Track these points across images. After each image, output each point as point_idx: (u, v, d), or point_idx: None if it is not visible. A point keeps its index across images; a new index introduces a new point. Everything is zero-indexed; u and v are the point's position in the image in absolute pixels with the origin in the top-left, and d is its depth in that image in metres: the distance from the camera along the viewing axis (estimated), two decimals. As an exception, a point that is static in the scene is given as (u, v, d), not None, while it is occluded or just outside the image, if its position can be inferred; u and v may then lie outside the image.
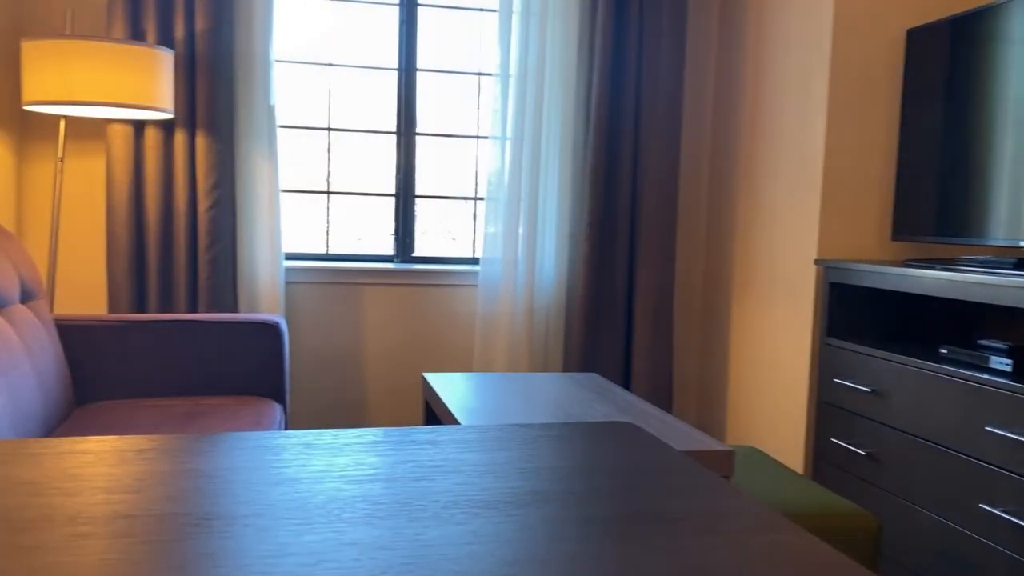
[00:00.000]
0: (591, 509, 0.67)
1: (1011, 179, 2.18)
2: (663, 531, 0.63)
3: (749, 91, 3.19)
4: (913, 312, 2.66)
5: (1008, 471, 1.91)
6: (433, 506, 0.67)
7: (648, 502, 0.69)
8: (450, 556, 0.57)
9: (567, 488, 0.72)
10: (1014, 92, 2.18)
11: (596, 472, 0.76)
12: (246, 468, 0.75)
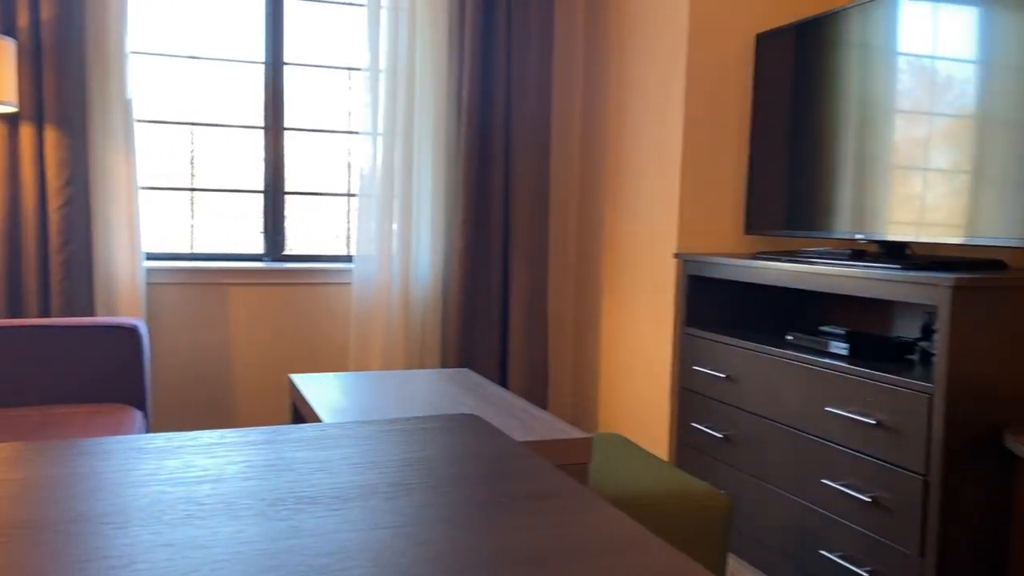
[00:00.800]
0: (418, 499, 0.69)
1: (852, 176, 2.34)
2: (487, 515, 0.66)
3: (614, 91, 3.30)
4: (765, 301, 2.81)
5: (846, 447, 2.06)
6: (258, 504, 0.67)
7: (476, 489, 0.72)
8: (267, 551, 0.58)
9: (397, 480, 0.74)
10: (856, 94, 2.34)
11: (430, 463, 0.79)
12: (69, 475, 0.73)
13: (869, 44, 2.27)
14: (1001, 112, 1.92)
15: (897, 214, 2.18)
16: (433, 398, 2.02)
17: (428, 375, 2.35)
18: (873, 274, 1.98)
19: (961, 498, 1.82)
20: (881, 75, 2.24)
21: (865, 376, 2.00)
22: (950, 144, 2.04)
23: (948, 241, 2.04)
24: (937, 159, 2.07)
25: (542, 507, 0.68)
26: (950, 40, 2.04)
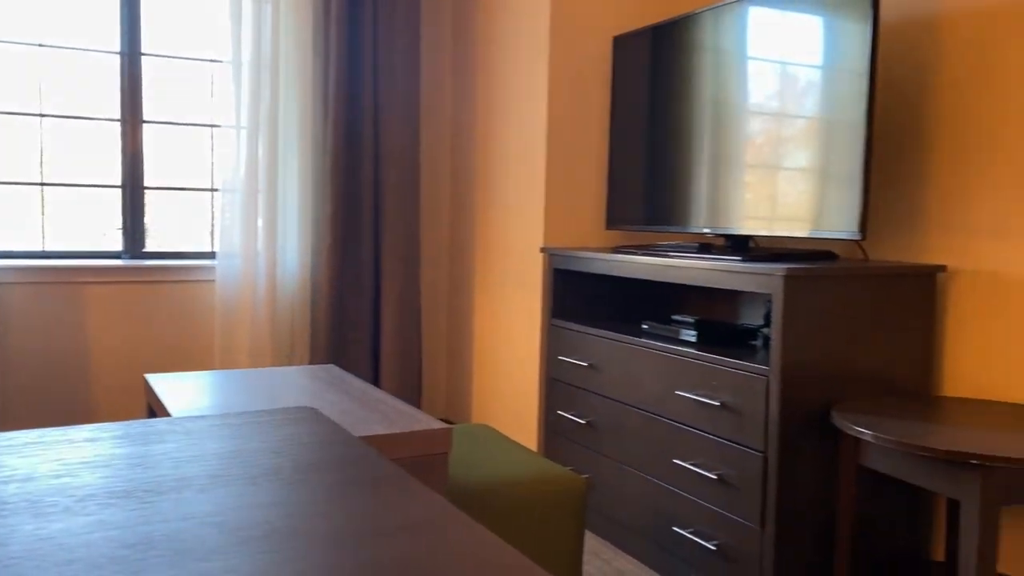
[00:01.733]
0: (234, 490, 0.71)
1: (703, 174, 2.47)
2: (301, 500, 0.68)
3: (482, 88, 3.35)
4: (626, 293, 2.93)
5: (695, 429, 2.18)
6: (66, 501, 0.67)
7: (294, 477, 0.74)
8: (66, 546, 0.59)
9: (215, 472, 0.75)
10: (706, 95, 2.46)
11: (253, 455, 0.80)
12: None
13: (719, 47, 2.39)
14: (837, 113, 2.07)
15: (742, 210, 2.32)
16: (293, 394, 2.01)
17: (292, 372, 2.33)
18: (717, 266, 2.10)
19: (796, 472, 1.97)
20: (729, 77, 2.37)
21: (710, 361, 2.12)
22: (792, 144, 2.19)
23: (788, 235, 2.18)
24: (780, 158, 2.21)
25: (359, 491, 0.71)
26: (792, 45, 2.18)
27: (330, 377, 2.27)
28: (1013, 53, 1.98)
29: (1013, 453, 1.55)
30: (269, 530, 0.62)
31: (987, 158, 2.04)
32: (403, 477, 0.76)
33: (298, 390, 2.06)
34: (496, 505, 1.81)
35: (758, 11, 2.25)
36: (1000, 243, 2.02)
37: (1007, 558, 2.02)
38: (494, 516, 1.81)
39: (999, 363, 2.02)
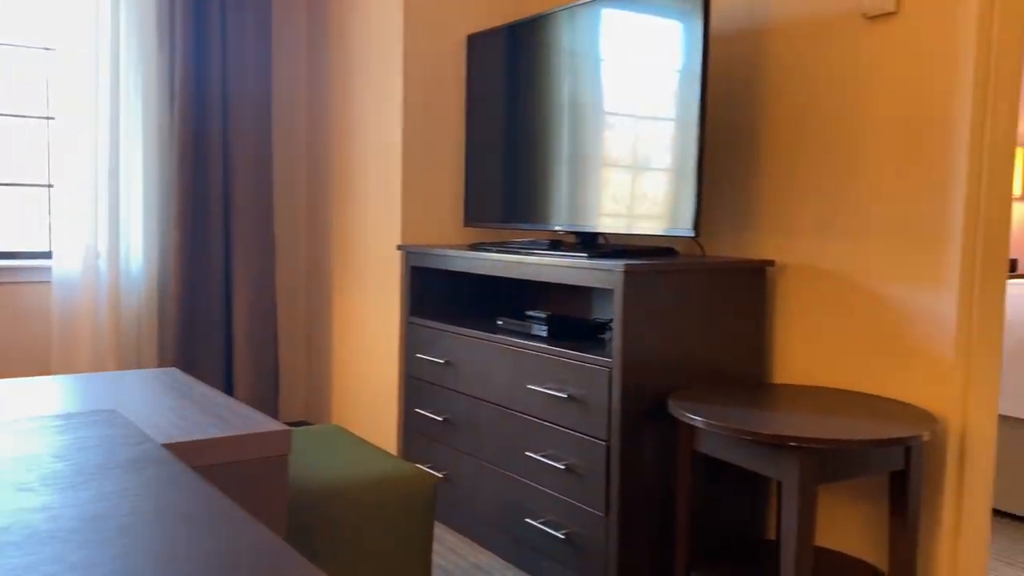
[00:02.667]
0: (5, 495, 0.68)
1: (555, 172, 2.52)
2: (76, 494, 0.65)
3: (337, 87, 3.30)
4: (484, 289, 2.96)
5: (545, 421, 2.22)
6: None
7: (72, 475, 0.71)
8: None
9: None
10: (557, 94, 2.52)
11: (35, 459, 0.77)
12: None
13: (571, 47, 2.45)
14: (675, 115, 2.16)
15: (591, 208, 2.38)
16: (122, 399, 1.92)
17: (128, 376, 2.23)
18: (564, 262, 2.16)
19: (638, 460, 2.04)
20: (579, 76, 2.43)
21: (558, 355, 2.17)
22: (637, 144, 2.27)
23: (628, 232, 2.26)
24: (625, 158, 2.29)
25: (134, 483, 0.69)
26: (637, 46, 2.26)
27: (171, 381, 2.19)
28: (829, 61, 2.13)
29: (827, 435, 1.66)
30: (29, 534, 0.59)
31: (810, 161, 2.18)
32: (193, 479, 0.74)
33: (129, 395, 1.97)
34: (341, 506, 1.80)
35: (608, 12, 2.32)
36: (820, 240, 2.16)
37: (827, 532, 2.16)
38: (339, 517, 1.79)
39: (822, 351, 2.16)
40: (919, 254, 1.96)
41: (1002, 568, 2.39)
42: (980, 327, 1.90)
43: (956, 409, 1.90)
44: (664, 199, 2.18)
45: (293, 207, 3.54)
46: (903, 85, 1.98)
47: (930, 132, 1.93)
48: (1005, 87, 1.87)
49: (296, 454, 2.02)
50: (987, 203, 1.88)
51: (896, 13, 1.98)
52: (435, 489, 1.92)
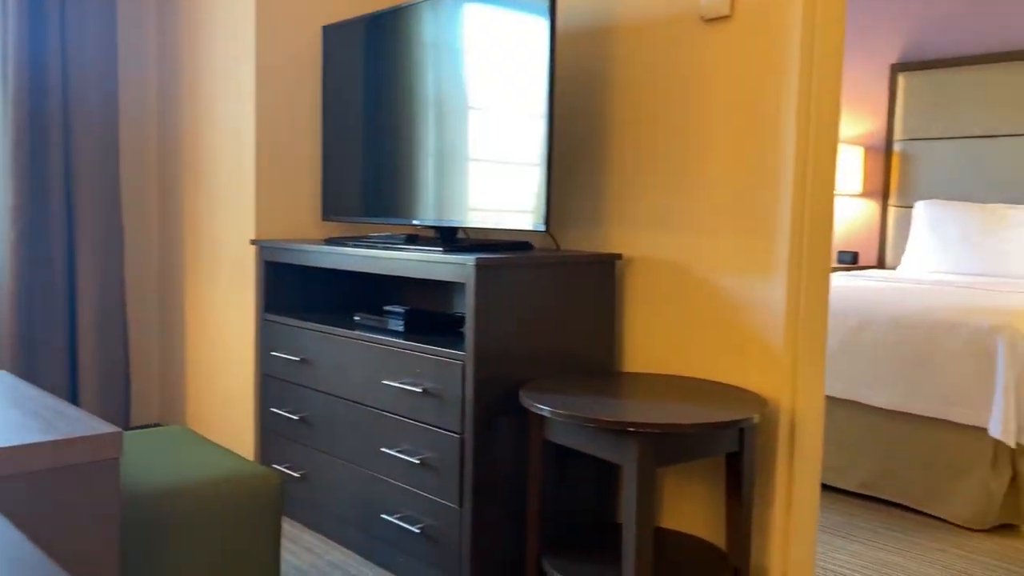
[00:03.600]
0: None
1: (413, 166, 2.51)
2: None
3: (188, 76, 3.18)
4: (343, 285, 2.92)
5: (400, 416, 2.22)
6: None
7: None
8: None
9: None
10: (415, 87, 2.50)
11: None
12: None
13: (428, 40, 2.44)
14: (525, 111, 2.19)
15: (449, 202, 2.39)
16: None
17: (-49, 381, 2.08)
18: (418, 256, 2.16)
19: (491, 451, 2.07)
20: (435, 70, 2.43)
21: (415, 349, 2.17)
22: (492, 139, 2.28)
23: (482, 226, 2.28)
24: (481, 153, 2.30)
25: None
26: (492, 41, 2.27)
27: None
28: (670, 61, 2.21)
29: (665, 419, 1.73)
30: None
31: (654, 157, 2.26)
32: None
33: (-49, 400, 1.84)
34: (181, 509, 1.73)
35: (461, 5, 2.32)
36: (662, 233, 2.25)
37: (673, 514, 2.26)
38: (179, 520, 1.73)
39: (666, 340, 2.25)
40: (751, 247, 2.07)
41: (836, 541, 2.56)
42: (807, 315, 2.02)
43: (786, 392, 2.02)
44: (517, 194, 2.21)
45: (143, 199, 3.39)
46: (737, 85, 2.08)
47: (760, 130, 2.04)
48: (827, 88, 1.99)
49: (136, 457, 1.94)
50: (812, 199, 2.00)
51: (730, 17, 2.08)
52: (281, 488, 1.88)
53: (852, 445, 2.93)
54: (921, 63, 4.45)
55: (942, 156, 4.37)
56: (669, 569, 1.95)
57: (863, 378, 2.87)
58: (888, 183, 4.60)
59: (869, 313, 2.91)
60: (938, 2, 4.43)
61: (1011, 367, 2.56)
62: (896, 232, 4.56)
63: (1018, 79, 4.10)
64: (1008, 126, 4.13)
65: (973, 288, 3.46)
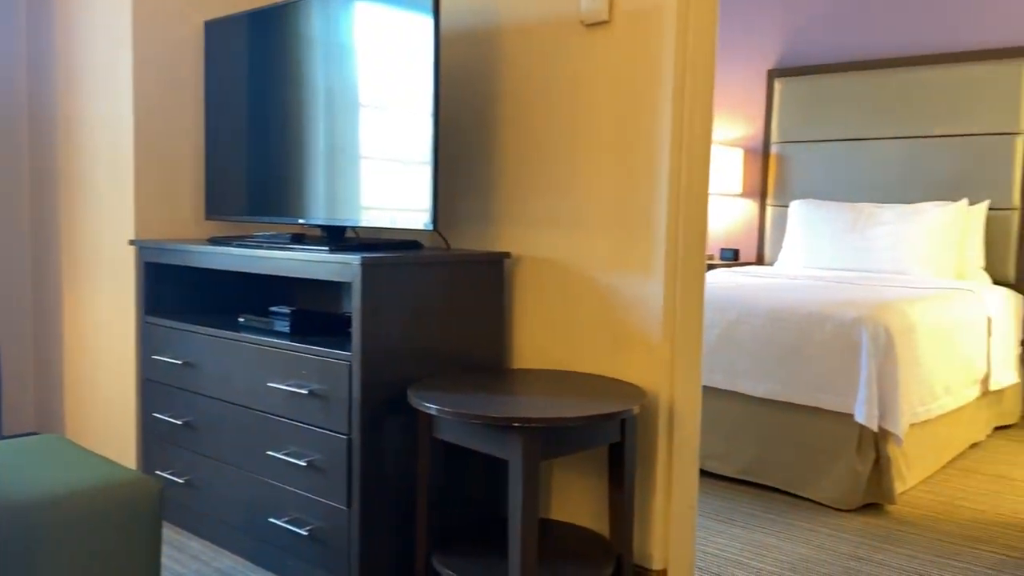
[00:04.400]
0: None
1: (299, 164, 2.47)
2: None
3: (63, 71, 3.04)
4: (228, 285, 2.85)
5: (287, 419, 2.19)
6: None
7: None
8: None
9: None
10: (301, 83, 2.47)
11: None
12: None
13: (314, 36, 2.41)
14: (413, 110, 2.19)
15: (336, 201, 2.37)
16: None
17: None
18: (302, 256, 2.14)
19: (380, 451, 2.07)
20: (323, 66, 2.40)
21: (299, 351, 2.15)
22: (381, 138, 2.28)
23: (370, 225, 2.28)
24: (370, 151, 2.30)
25: None
26: (379, 38, 2.27)
27: None
28: (555, 63, 2.26)
29: (548, 414, 1.78)
30: None
31: (541, 157, 2.31)
32: None
33: None
34: (52, 520, 1.67)
35: (349, 2, 2.31)
36: (550, 232, 2.30)
37: (563, 506, 2.31)
38: (50, 532, 1.66)
39: (554, 336, 2.31)
40: (632, 246, 2.14)
41: (716, 525, 2.67)
42: (683, 311, 2.11)
43: (665, 384, 2.10)
44: (405, 193, 2.21)
45: (13, 197, 3.22)
46: (617, 88, 2.15)
47: (639, 132, 2.11)
48: (700, 93, 2.08)
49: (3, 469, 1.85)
50: (686, 200, 2.09)
51: (609, 22, 2.15)
52: (160, 495, 1.83)
53: (732, 433, 3.07)
54: (795, 69, 4.69)
55: (815, 158, 4.61)
56: (555, 560, 2.00)
57: (742, 369, 3.01)
58: (766, 184, 4.82)
59: (746, 307, 3.05)
60: (810, 11, 4.67)
61: (873, 357, 2.74)
62: (774, 230, 4.79)
63: (882, 86, 4.37)
64: (874, 130, 4.40)
65: (842, 283, 3.67)
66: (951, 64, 4.16)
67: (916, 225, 4.02)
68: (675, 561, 2.15)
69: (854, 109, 4.46)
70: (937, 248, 3.94)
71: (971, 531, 2.64)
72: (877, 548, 2.51)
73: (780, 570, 2.35)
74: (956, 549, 2.50)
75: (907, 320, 2.94)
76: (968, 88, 4.11)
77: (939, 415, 3.15)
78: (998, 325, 3.65)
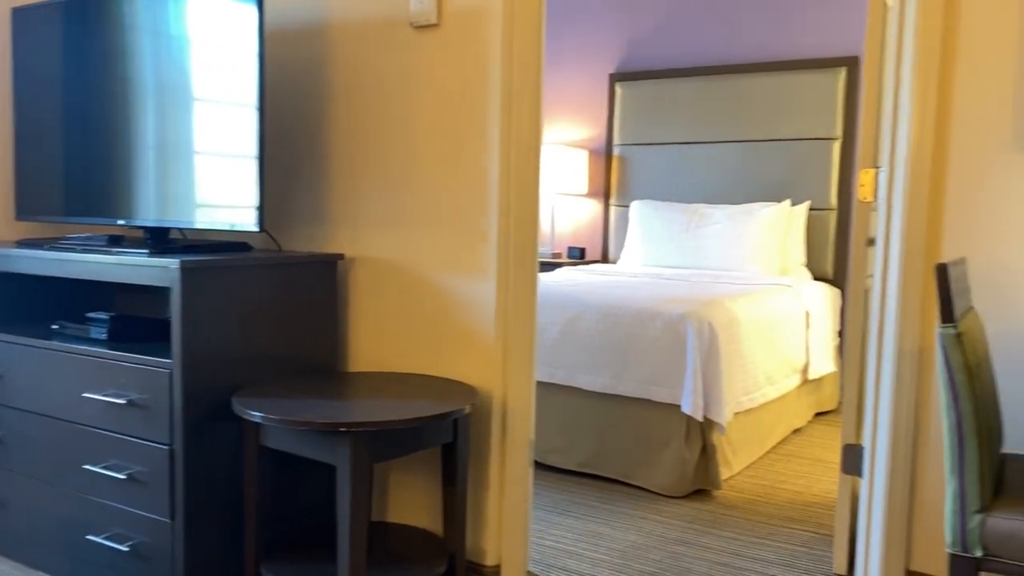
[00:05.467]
0: None
1: (118, 162, 2.34)
2: None
3: None
4: (42, 291, 2.68)
5: (104, 431, 2.08)
6: None
7: None
8: None
9: None
10: (120, 76, 2.34)
11: None
12: None
13: (130, 26, 2.29)
14: (239, 110, 2.12)
15: (158, 202, 2.26)
16: None
17: None
18: (119, 260, 2.03)
19: (205, 461, 2.00)
20: (144, 59, 2.28)
21: (117, 359, 2.05)
22: (208, 135, 2.19)
23: (203, 227, 2.19)
24: (197, 149, 2.21)
25: None
26: (200, 29, 2.18)
27: None
28: (387, 64, 2.26)
29: (377, 417, 1.77)
30: None
31: (375, 158, 2.30)
32: None
33: None
34: None
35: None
36: (384, 233, 2.30)
37: (400, 508, 2.32)
38: None
39: (391, 338, 2.30)
40: (465, 247, 2.17)
41: (553, 518, 2.75)
42: (515, 310, 2.16)
43: (498, 383, 2.14)
44: (231, 193, 2.15)
45: None
46: (448, 90, 2.17)
47: (470, 134, 2.14)
48: (528, 94, 2.13)
49: None
50: (517, 200, 2.14)
51: (439, 25, 2.16)
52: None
53: (572, 428, 3.16)
54: (635, 74, 4.87)
55: (654, 160, 4.81)
56: (387, 562, 2.00)
57: (580, 365, 3.10)
58: (609, 184, 4.99)
59: (584, 305, 3.15)
60: (649, 19, 4.87)
61: (698, 350, 2.89)
62: (617, 229, 4.96)
63: (714, 92, 4.61)
64: (707, 134, 4.64)
65: (676, 280, 3.85)
66: (775, 72, 4.44)
67: (745, 225, 4.27)
68: (509, 556, 2.19)
69: (689, 113, 4.69)
70: (763, 246, 4.20)
71: (788, 512, 2.84)
72: (702, 532, 2.65)
73: (611, 558, 2.44)
74: (773, 529, 2.68)
75: (730, 315, 3.12)
76: (791, 95, 4.41)
77: (762, 403, 3.36)
78: (816, 318, 3.93)
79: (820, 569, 2.39)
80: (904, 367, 1.99)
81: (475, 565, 2.18)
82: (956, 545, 1.55)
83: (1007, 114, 1.87)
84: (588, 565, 2.39)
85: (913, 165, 1.95)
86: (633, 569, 2.37)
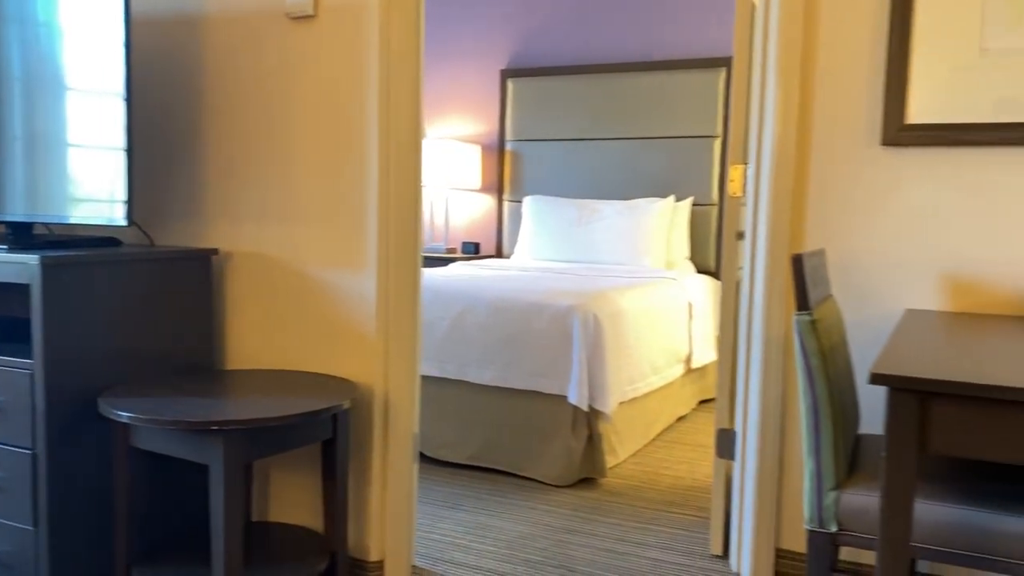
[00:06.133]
0: None
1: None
2: None
3: None
4: None
5: (-41, 437, 1.97)
6: None
7: None
8: None
9: None
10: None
11: None
12: None
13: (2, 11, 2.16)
14: (107, 103, 2.03)
15: (21, 195, 2.14)
16: None
17: None
18: (-28, 255, 1.92)
19: (72, 464, 1.91)
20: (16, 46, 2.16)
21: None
22: (73, 126, 2.09)
23: (67, 221, 2.09)
24: (62, 141, 2.10)
25: None
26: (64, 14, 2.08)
27: None
28: (262, 55, 2.21)
29: (250, 415, 1.73)
30: None
31: (251, 150, 2.25)
32: None
33: None
34: None
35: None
36: (262, 227, 2.25)
37: (282, 507, 2.28)
38: None
39: (269, 334, 2.26)
40: (345, 241, 2.14)
41: (442, 512, 2.75)
42: (397, 305, 2.15)
43: (379, 378, 2.13)
44: (100, 187, 2.06)
45: None
46: (325, 82, 2.14)
47: (349, 128, 2.12)
48: (407, 88, 2.12)
49: None
50: (397, 194, 2.13)
51: (315, 16, 2.13)
52: None
53: (463, 421, 3.17)
54: (525, 70, 4.92)
55: (545, 155, 4.87)
56: (266, 562, 1.97)
57: (469, 359, 3.11)
58: (502, 179, 5.02)
59: (473, 299, 3.17)
60: (539, 16, 4.92)
61: (584, 342, 2.95)
62: (511, 224, 5.00)
63: (602, 89, 4.70)
64: (596, 130, 4.73)
65: (565, 274, 3.91)
66: (661, 71, 4.57)
67: (632, 220, 4.37)
68: (393, 550, 2.18)
69: (579, 110, 4.77)
70: (650, 240, 4.31)
71: (670, 496, 2.94)
72: (588, 520, 2.71)
73: (498, 549, 2.47)
74: (655, 514, 2.77)
75: (616, 307, 3.20)
76: (674, 94, 4.54)
77: (647, 392, 3.45)
78: (699, 309, 4.07)
79: (698, 551, 2.48)
80: (771, 354, 2.09)
81: (358, 561, 2.17)
82: (813, 521, 1.64)
83: (860, 112, 1.99)
84: (475, 557, 2.40)
85: (778, 161, 2.05)
86: (519, 558, 2.40)
